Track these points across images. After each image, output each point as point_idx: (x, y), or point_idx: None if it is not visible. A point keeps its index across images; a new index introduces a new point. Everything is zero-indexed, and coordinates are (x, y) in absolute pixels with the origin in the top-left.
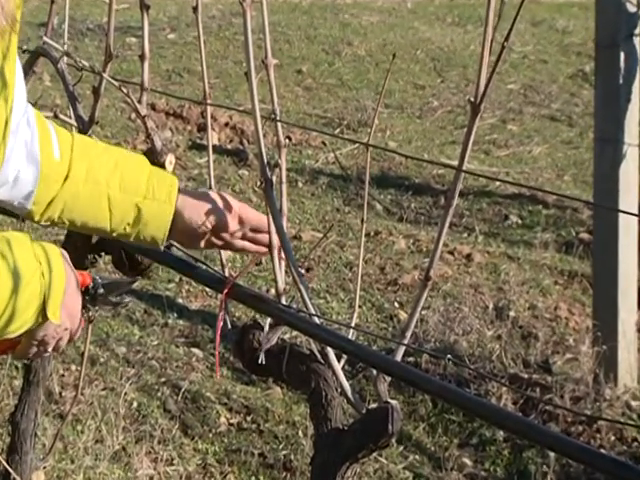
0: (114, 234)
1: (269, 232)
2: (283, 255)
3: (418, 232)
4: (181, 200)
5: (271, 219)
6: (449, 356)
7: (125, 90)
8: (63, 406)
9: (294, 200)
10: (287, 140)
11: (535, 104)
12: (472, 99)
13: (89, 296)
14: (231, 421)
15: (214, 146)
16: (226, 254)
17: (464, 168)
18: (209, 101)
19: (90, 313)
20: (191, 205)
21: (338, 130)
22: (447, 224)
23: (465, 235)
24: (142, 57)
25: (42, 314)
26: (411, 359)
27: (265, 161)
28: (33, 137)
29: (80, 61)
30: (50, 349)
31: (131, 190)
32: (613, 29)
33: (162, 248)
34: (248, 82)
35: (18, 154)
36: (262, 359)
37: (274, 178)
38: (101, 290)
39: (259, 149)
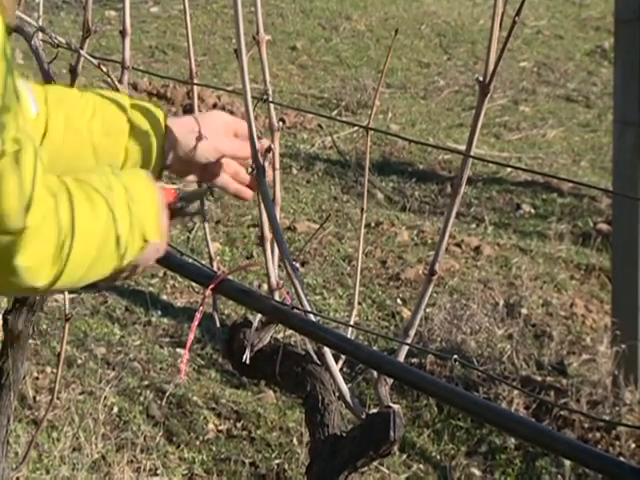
0: None
1: (260, 223)
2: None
3: (422, 223)
4: (172, 127)
5: (263, 209)
6: (455, 356)
7: (105, 68)
8: (37, 411)
9: (288, 188)
10: (280, 123)
11: (550, 83)
12: (480, 78)
13: (170, 210)
14: (220, 427)
15: None
16: (215, 247)
17: (472, 153)
18: (195, 80)
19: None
20: (183, 131)
21: (336, 112)
22: (454, 214)
23: (474, 226)
24: (123, 33)
25: (143, 238)
26: (415, 360)
27: (256, 146)
28: None
29: (56, 37)
30: (140, 270)
31: (115, 132)
32: (634, 2)
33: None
34: (238, 60)
35: None
36: (247, 357)
37: (266, 164)
38: (180, 203)
39: (250, 133)
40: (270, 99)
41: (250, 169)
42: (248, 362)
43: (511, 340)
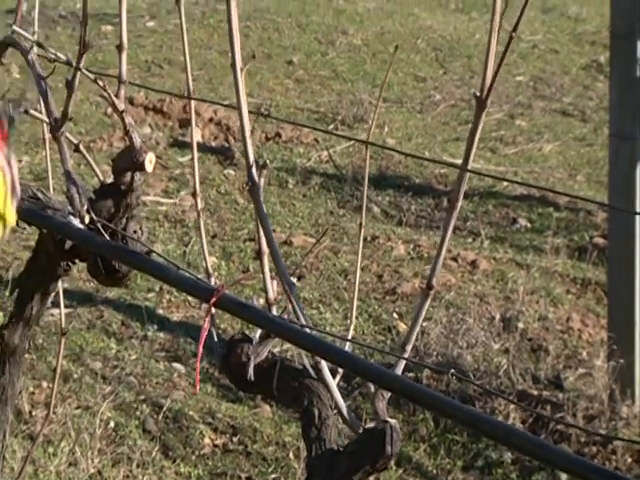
0: None
1: (258, 239)
2: None
3: (419, 237)
4: None
5: (260, 225)
6: (452, 371)
7: (101, 83)
8: (33, 426)
9: (284, 202)
10: (277, 137)
11: (545, 98)
12: (477, 93)
13: None
14: (216, 442)
15: (197, 143)
16: (211, 261)
17: (469, 167)
18: (191, 94)
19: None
20: None
21: (332, 126)
22: (451, 228)
23: (470, 240)
24: (119, 47)
25: None
26: (411, 375)
27: (252, 163)
28: None
29: (55, 53)
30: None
31: None
32: (630, 16)
33: None
34: (233, 75)
35: None
36: (251, 375)
37: (261, 181)
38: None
39: (245, 150)
40: (266, 113)
41: (245, 185)
42: (250, 378)
43: (507, 354)
